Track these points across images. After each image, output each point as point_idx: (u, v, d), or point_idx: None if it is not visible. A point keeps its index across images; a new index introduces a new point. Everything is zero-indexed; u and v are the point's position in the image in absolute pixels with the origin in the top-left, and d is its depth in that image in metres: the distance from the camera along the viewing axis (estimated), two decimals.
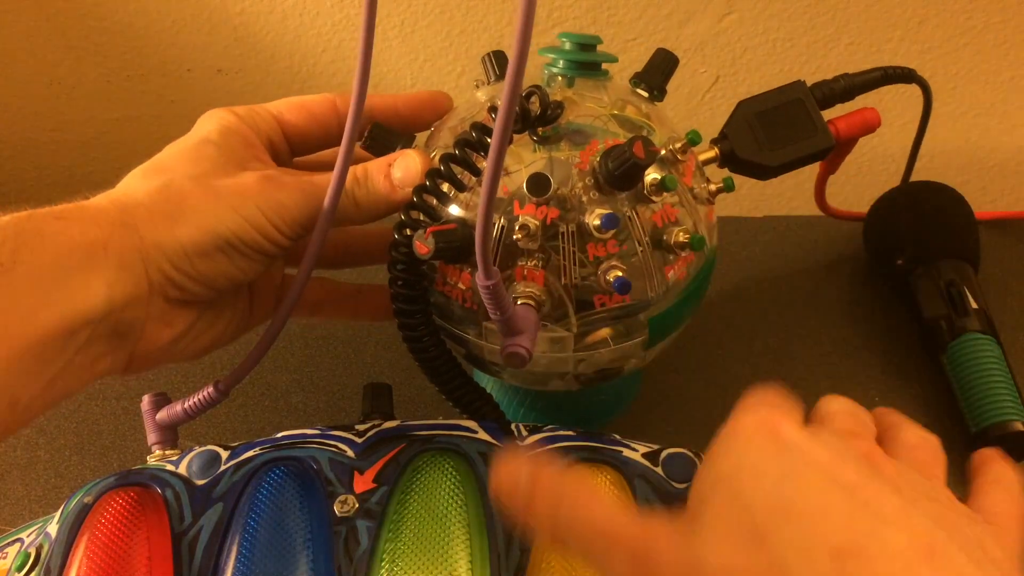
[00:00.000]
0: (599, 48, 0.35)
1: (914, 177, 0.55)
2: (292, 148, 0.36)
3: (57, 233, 0.27)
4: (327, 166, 0.33)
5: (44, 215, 0.28)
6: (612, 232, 0.31)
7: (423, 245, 0.30)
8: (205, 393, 0.35)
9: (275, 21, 0.63)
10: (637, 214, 0.32)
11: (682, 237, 0.32)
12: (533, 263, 0.31)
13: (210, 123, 0.33)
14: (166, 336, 0.32)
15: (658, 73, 0.36)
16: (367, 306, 0.40)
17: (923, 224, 0.52)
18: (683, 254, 0.33)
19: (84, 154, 0.71)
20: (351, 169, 0.33)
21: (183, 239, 0.30)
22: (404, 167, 0.33)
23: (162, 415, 0.36)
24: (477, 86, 0.36)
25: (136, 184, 0.31)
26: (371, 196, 0.33)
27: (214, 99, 0.67)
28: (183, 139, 0.33)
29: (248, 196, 0.31)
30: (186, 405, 0.36)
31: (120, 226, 0.29)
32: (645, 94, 0.36)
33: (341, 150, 0.31)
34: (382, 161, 0.34)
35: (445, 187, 0.32)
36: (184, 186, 0.31)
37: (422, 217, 0.32)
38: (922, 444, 0.27)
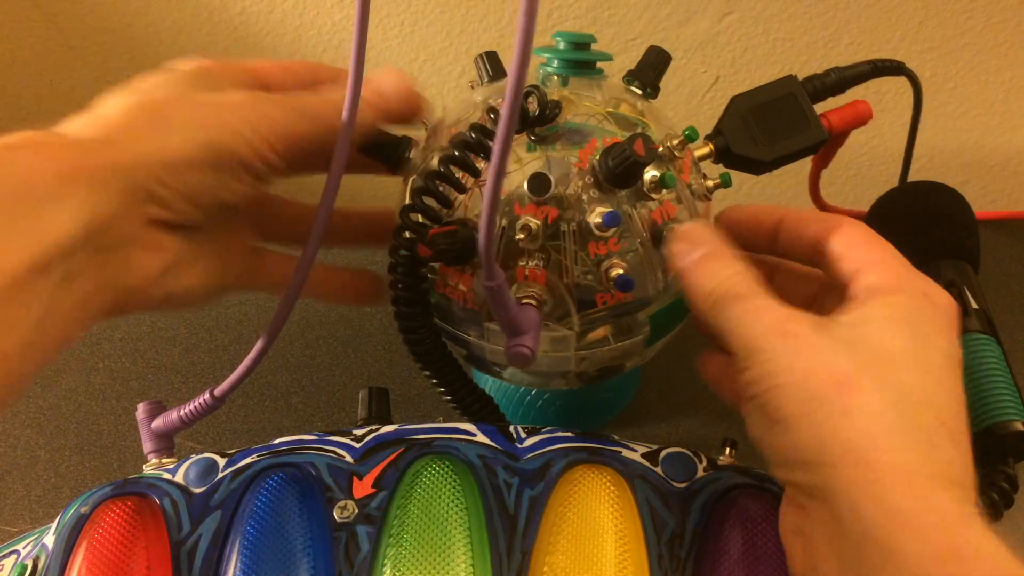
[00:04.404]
0: (593, 47, 0.35)
1: (914, 177, 0.55)
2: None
3: (10, 164, 0.25)
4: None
5: None
6: (613, 230, 0.31)
7: (425, 248, 0.30)
8: (201, 401, 0.35)
9: (275, 21, 0.63)
10: (637, 212, 0.32)
11: None
12: (535, 263, 0.31)
13: (178, 63, 0.32)
14: (156, 264, 0.29)
15: (651, 71, 0.36)
16: (350, 288, 0.38)
17: (923, 224, 0.52)
18: None
19: None
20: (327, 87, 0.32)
21: (170, 150, 0.28)
22: (376, 77, 0.33)
23: (157, 423, 0.36)
24: (472, 87, 0.37)
25: (108, 104, 0.29)
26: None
27: None
28: (149, 74, 0.31)
29: (234, 108, 0.29)
30: (182, 413, 0.35)
31: (95, 143, 0.27)
32: (639, 92, 0.36)
33: (337, 151, 0.31)
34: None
35: (444, 189, 0.32)
36: (165, 100, 0.29)
37: (421, 219, 0.32)
38: None
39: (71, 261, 0.26)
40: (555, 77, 0.35)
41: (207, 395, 0.35)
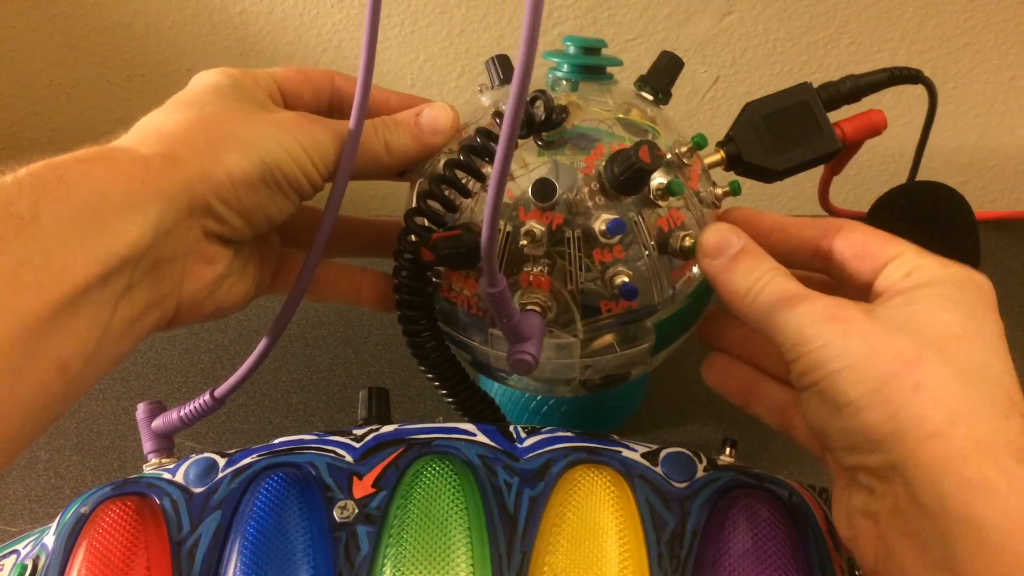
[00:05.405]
0: (604, 52, 0.35)
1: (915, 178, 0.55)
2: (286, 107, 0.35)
3: (83, 176, 0.25)
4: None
5: (66, 161, 0.26)
6: (618, 237, 0.30)
7: (428, 251, 0.30)
8: (201, 401, 0.35)
9: (275, 21, 0.63)
10: (643, 219, 0.31)
11: (688, 242, 0.31)
12: (539, 269, 0.31)
13: (211, 75, 0.32)
14: (208, 276, 0.30)
15: (663, 76, 0.36)
16: (369, 291, 0.38)
17: (923, 224, 0.52)
18: (689, 259, 0.33)
19: None
20: (379, 119, 0.33)
21: (231, 168, 0.28)
22: (431, 113, 0.33)
23: (157, 423, 0.36)
24: (481, 90, 0.36)
25: (164, 118, 0.30)
26: (401, 138, 0.33)
27: None
28: (190, 88, 0.32)
29: (287, 129, 0.30)
30: (182, 413, 0.35)
31: (160, 158, 0.27)
32: (650, 97, 0.36)
33: (344, 154, 0.31)
34: (411, 110, 0.34)
35: (449, 193, 0.32)
36: (223, 115, 0.30)
37: (427, 223, 0.32)
38: None
39: (133, 273, 0.27)
40: (565, 82, 0.35)
41: (207, 396, 0.35)
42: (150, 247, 0.26)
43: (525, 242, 0.30)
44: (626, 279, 0.31)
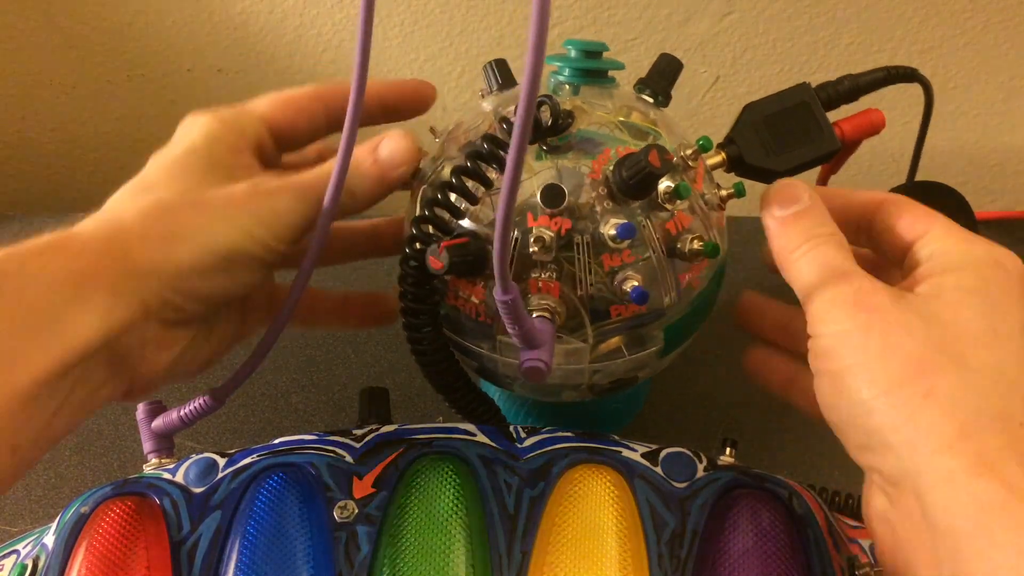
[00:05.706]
0: (604, 55, 0.35)
1: (914, 176, 0.55)
2: (279, 145, 0.35)
3: (39, 270, 0.26)
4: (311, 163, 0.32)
5: (22, 253, 0.26)
6: (628, 242, 0.30)
7: (437, 260, 0.30)
8: (200, 402, 0.35)
9: (275, 21, 0.63)
10: (651, 222, 0.31)
11: (696, 245, 0.31)
12: (548, 275, 0.31)
13: (193, 130, 0.32)
14: (165, 359, 0.31)
15: (662, 79, 0.36)
16: (354, 315, 0.39)
17: None
18: (697, 261, 0.33)
19: (84, 154, 0.71)
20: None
21: (180, 261, 0.28)
22: (390, 148, 0.33)
23: (157, 423, 0.36)
24: (482, 96, 0.36)
25: (124, 205, 0.30)
26: (364, 182, 0.32)
27: (214, 99, 0.67)
28: (167, 149, 0.32)
29: (241, 207, 0.30)
30: (182, 413, 0.35)
31: (109, 253, 0.27)
32: (650, 100, 0.36)
33: (338, 159, 0.31)
34: (367, 146, 0.33)
35: (456, 200, 0.31)
36: (175, 203, 0.29)
37: (432, 230, 0.32)
38: None
39: (87, 365, 0.27)
40: (567, 86, 0.35)
41: (207, 396, 0.35)
42: (102, 344, 0.27)
43: (535, 248, 0.30)
44: (636, 283, 0.30)
